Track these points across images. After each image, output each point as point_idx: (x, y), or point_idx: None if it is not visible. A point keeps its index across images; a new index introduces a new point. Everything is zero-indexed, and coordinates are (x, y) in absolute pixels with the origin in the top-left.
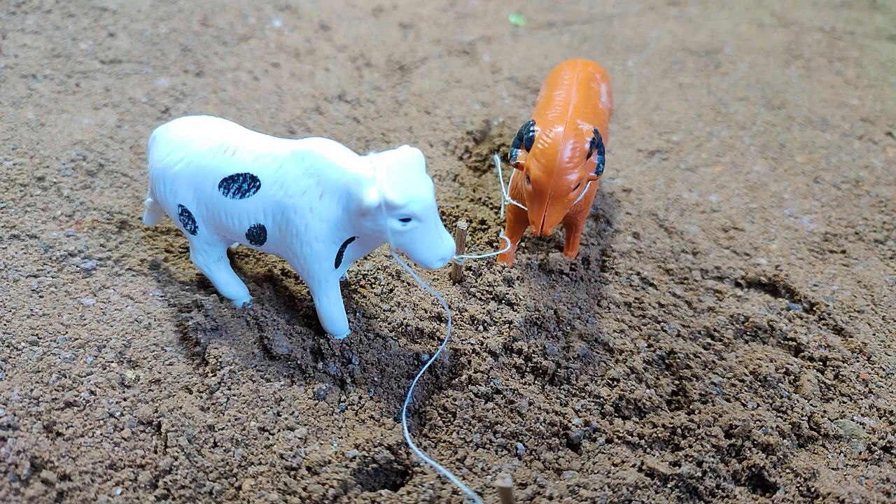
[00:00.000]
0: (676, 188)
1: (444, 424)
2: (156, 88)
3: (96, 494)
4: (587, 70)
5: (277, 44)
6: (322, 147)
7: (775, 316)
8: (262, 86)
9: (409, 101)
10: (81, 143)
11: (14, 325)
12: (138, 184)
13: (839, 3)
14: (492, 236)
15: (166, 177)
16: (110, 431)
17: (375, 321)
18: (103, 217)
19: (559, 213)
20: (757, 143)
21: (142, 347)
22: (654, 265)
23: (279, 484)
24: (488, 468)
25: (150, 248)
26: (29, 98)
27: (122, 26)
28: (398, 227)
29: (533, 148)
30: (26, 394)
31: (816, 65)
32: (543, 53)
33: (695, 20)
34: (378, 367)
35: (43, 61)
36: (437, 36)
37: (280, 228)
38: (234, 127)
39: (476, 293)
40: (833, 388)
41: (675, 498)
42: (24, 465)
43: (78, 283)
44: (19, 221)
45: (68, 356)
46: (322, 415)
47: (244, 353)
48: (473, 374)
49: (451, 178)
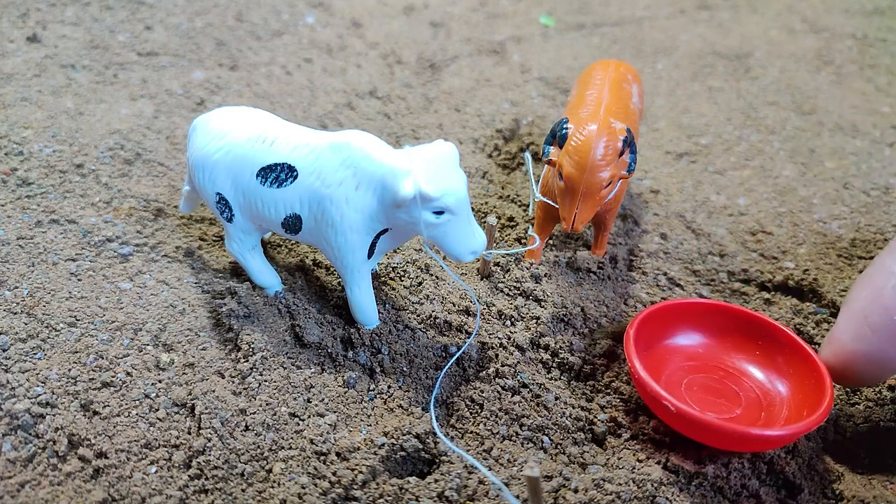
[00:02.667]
0: (704, 190)
1: (471, 416)
2: (191, 81)
3: (131, 472)
4: (619, 70)
5: (310, 40)
6: (359, 139)
7: (802, 319)
8: (294, 80)
9: (439, 99)
10: (119, 133)
11: (53, 306)
12: (174, 173)
13: (871, 10)
14: (520, 233)
15: (205, 165)
16: (146, 412)
17: (405, 313)
18: (140, 204)
19: (590, 211)
20: (786, 147)
21: (176, 332)
22: (681, 266)
23: (309, 468)
24: (514, 460)
25: (185, 235)
26: (68, 87)
27: (159, 20)
28: (432, 219)
29: (566, 145)
30: (64, 373)
31: (847, 71)
32: (573, 54)
33: (725, 24)
34: (407, 358)
35: (81, 52)
36: (468, 35)
37: (316, 218)
38: (273, 118)
39: (504, 288)
40: (858, 392)
41: (699, 496)
42: (61, 441)
43: (115, 267)
44: (59, 207)
45: (105, 338)
46: (351, 402)
47: (276, 340)
48: (500, 368)
49: (481, 175)
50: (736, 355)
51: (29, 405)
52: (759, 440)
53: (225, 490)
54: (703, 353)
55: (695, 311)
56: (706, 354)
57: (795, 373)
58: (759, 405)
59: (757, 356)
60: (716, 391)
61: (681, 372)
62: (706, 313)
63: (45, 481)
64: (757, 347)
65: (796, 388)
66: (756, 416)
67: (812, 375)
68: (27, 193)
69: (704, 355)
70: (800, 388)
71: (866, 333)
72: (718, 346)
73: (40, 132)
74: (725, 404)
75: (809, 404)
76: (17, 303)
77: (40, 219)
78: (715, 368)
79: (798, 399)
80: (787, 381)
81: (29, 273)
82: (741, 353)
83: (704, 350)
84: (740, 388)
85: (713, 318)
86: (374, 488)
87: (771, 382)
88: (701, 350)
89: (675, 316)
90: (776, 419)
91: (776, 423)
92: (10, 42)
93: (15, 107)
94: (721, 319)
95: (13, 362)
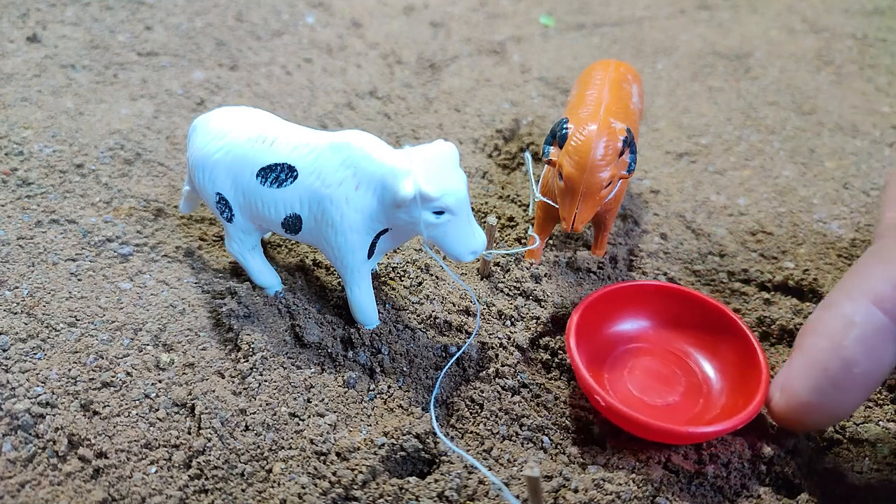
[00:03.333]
0: (704, 190)
1: (471, 416)
2: (191, 81)
3: (131, 472)
4: (619, 71)
5: (310, 40)
6: (359, 139)
7: (802, 319)
8: (294, 80)
9: (439, 99)
10: (119, 133)
11: (53, 306)
12: (174, 173)
13: (871, 10)
14: (520, 233)
15: (205, 165)
16: (146, 412)
17: (404, 313)
18: (140, 204)
19: (590, 211)
20: (786, 147)
21: (176, 332)
22: (682, 266)
23: (309, 468)
24: (514, 460)
25: (185, 235)
26: (68, 87)
27: (159, 20)
28: (432, 219)
29: (566, 145)
30: (64, 373)
31: (847, 71)
32: (573, 54)
33: (725, 24)
34: (407, 358)
35: (81, 52)
36: (468, 35)
37: (316, 218)
38: (273, 118)
39: (504, 288)
40: None
41: (699, 496)
42: (61, 441)
43: (115, 267)
44: (59, 207)
45: (105, 338)
46: (351, 402)
47: (276, 340)
48: (500, 368)
49: (481, 175)
50: (682, 338)
51: (29, 405)
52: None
53: (225, 490)
54: (651, 335)
55: (642, 293)
56: (654, 337)
57: (736, 359)
58: (698, 391)
59: (702, 339)
60: (658, 375)
61: (626, 355)
62: (654, 295)
63: (45, 481)
64: (702, 330)
65: (736, 375)
66: (694, 403)
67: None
68: (27, 193)
69: (653, 338)
70: (739, 375)
71: (825, 386)
72: (666, 329)
73: (40, 132)
74: (665, 389)
75: (746, 393)
76: (17, 303)
77: (40, 219)
78: (662, 352)
79: (736, 385)
80: (727, 367)
81: (29, 273)
82: (687, 335)
83: (653, 333)
84: (683, 372)
85: (661, 300)
86: (374, 488)
87: (712, 367)
88: (650, 333)
89: (624, 299)
90: (714, 406)
91: (713, 411)
92: (10, 42)
93: (15, 107)
94: (669, 302)
95: (13, 362)
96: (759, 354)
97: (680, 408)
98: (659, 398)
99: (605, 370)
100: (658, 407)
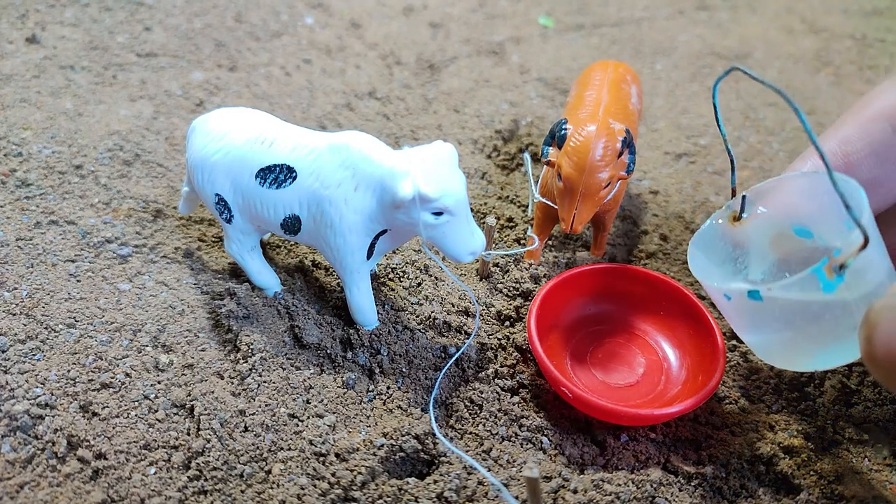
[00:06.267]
0: (703, 191)
1: (470, 416)
2: (190, 82)
3: (131, 473)
4: (618, 71)
5: (309, 40)
6: (358, 140)
7: None
8: (293, 81)
9: (438, 100)
10: (118, 134)
11: (52, 307)
12: (173, 174)
13: (870, 10)
14: (519, 234)
15: (204, 166)
16: (145, 413)
17: (404, 314)
18: (139, 205)
19: (589, 211)
20: (785, 148)
21: (175, 333)
22: (681, 266)
23: (308, 469)
24: (513, 460)
25: (184, 236)
26: (67, 88)
27: (158, 21)
28: (430, 220)
29: (565, 146)
30: (63, 374)
31: (846, 72)
32: (572, 55)
33: (724, 25)
34: (406, 359)
35: (80, 53)
36: (467, 36)
37: (315, 219)
38: (272, 119)
39: (503, 289)
40: (858, 393)
41: (698, 496)
42: (60, 442)
43: (114, 268)
44: (58, 208)
45: (104, 339)
46: (350, 403)
47: (275, 341)
48: (500, 369)
49: (480, 175)
50: (642, 319)
51: (28, 406)
52: (642, 418)
53: (224, 491)
54: (613, 317)
55: (598, 276)
56: (615, 319)
57: (693, 335)
58: (659, 369)
59: (661, 318)
60: (620, 357)
61: (588, 339)
62: (610, 277)
63: (45, 482)
64: (661, 309)
65: (694, 351)
66: (656, 382)
67: (708, 338)
68: (26, 194)
69: (614, 320)
70: (697, 351)
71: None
72: (627, 311)
73: (39, 133)
74: (627, 371)
75: (705, 368)
76: (16, 304)
77: (39, 220)
78: (623, 333)
79: (695, 361)
80: (686, 343)
81: (28, 274)
82: (647, 316)
83: (615, 315)
84: (644, 352)
85: (618, 281)
86: (374, 489)
87: (671, 346)
88: (612, 315)
89: (583, 283)
90: (675, 383)
91: (674, 388)
92: (9, 43)
93: (14, 108)
94: (626, 283)
95: (12, 363)
96: (715, 330)
97: (642, 388)
98: (622, 379)
99: (568, 355)
100: (620, 388)
